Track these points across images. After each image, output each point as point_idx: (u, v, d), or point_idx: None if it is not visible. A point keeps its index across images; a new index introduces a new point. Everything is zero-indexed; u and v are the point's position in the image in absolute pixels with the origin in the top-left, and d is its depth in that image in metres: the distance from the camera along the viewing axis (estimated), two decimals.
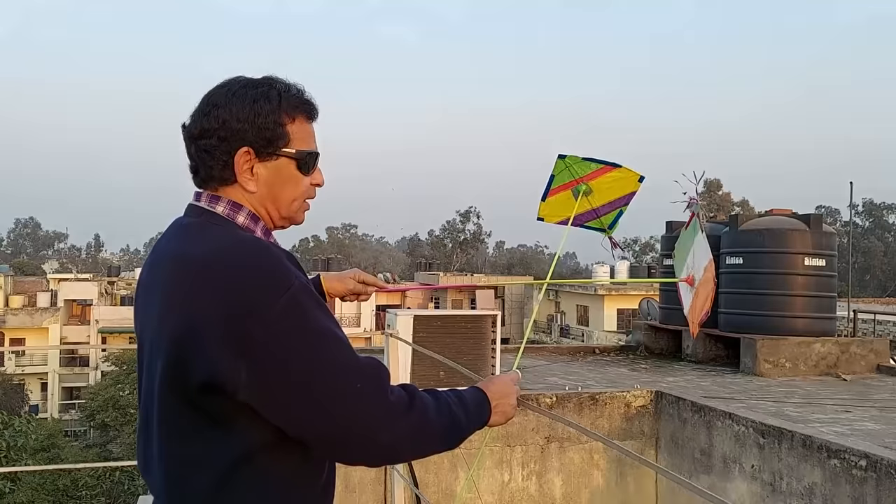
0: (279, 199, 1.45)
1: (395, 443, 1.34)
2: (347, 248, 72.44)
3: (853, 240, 18.82)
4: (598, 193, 3.01)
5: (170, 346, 1.28)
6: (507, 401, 1.58)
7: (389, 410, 1.32)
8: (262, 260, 1.29)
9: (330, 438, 1.30)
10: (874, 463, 4.15)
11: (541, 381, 7.13)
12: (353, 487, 5.38)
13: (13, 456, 17.42)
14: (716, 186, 57.03)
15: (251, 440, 1.29)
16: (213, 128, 1.38)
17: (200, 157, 1.41)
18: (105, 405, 26.12)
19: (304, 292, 1.29)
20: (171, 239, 1.41)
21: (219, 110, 1.38)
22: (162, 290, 1.34)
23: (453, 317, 6.02)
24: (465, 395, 1.51)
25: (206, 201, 1.42)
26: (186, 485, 1.31)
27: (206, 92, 1.44)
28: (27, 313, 41.13)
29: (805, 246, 8.62)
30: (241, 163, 1.39)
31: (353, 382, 1.29)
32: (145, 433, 1.39)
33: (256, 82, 1.43)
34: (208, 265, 1.29)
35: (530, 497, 5.84)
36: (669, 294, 10.11)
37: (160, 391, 1.31)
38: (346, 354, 1.31)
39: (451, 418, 1.43)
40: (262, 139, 1.39)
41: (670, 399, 6.08)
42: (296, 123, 1.43)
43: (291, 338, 1.25)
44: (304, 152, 1.45)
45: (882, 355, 8.40)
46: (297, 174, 1.45)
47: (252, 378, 1.23)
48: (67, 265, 70.61)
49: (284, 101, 1.42)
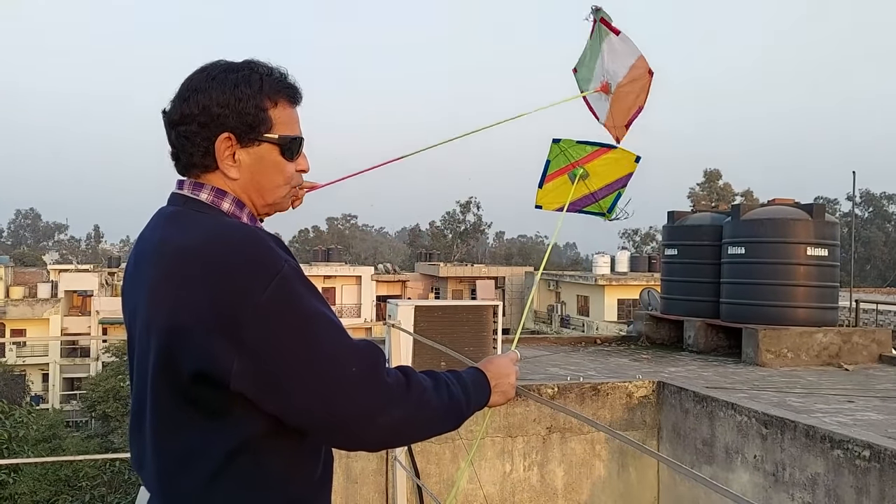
0: (263, 186, 1.41)
1: (393, 425, 1.31)
2: (347, 238, 72.37)
3: (854, 230, 18.74)
4: (595, 176, 2.96)
5: (161, 338, 1.25)
6: (506, 380, 1.56)
7: (386, 393, 1.29)
8: (249, 246, 1.25)
9: (327, 424, 1.26)
10: (877, 453, 4.13)
11: (542, 372, 7.11)
12: (354, 478, 5.37)
13: (14, 447, 17.46)
14: (716, 177, 56.93)
15: (245, 432, 1.26)
16: (192, 113, 1.35)
17: (181, 144, 1.37)
18: (106, 396, 26.20)
19: (294, 276, 1.26)
20: (156, 229, 1.37)
21: (198, 95, 1.35)
22: (149, 281, 1.30)
23: (454, 307, 6.00)
24: (464, 376, 1.49)
25: (190, 189, 1.39)
26: (180, 478, 1.28)
27: (185, 77, 1.40)
28: (28, 304, 41.15)
29: (807, 235, 8.59)
30: (222, 149, 1.36)
31: (348, 366, 1.26)
32: (138, 428, 1.36)
33: (237, 66, 1.39)
34: (195, 254, 1.25)
35: (532, 487, 5.83)
36: (671, 284, 10.09)
37: (153, 384, 1.28)
38: (339, 337, 1.28)
39: (450, 398, 1.41)
40: (244, 124, 1.36)
41: (672, 389, 6.06)
42: (278, 108, 1.40)
43: (283, 323, 1.22)
44: (287, 137, 1.41)
45: (884, 345, 8.38)
46: (281, 160, 1.41)
47: (245, 366, 1.20)
48: (68, 256, 70.63)
49: (266, 84, 1.38)
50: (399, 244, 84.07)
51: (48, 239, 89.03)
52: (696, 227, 9.86)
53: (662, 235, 10.99)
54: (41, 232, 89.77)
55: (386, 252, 76.32)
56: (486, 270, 44.57)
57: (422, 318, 5.59)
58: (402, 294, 42.16)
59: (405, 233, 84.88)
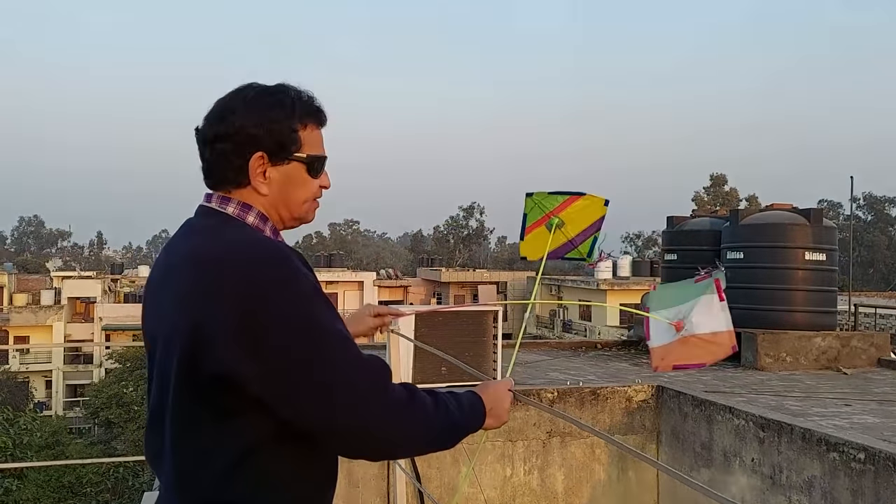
0: (290, 201, 1.51)
1: (394, 438, 1.41)
2: (349, 244, 72.43)
3: (856, 234, 18.85)
4: (571, 224, 3.10)
5: (184, 343, 1.33)
6: (501, 405, 1.66)
7: (390, 406, 1.38)
8: (272, 259, 1.35)
9: (332, 431, 1.36)
10: (872, 456, 4.18)
11: (542, 377, 7.16)
12: (355, 482, 5.43)
13: (18, 454, 17.51)
14: (721, 181, 56.85)
15: (259, 432, 1.35)
16: (229, 133, 1.44)
17: (216, 161, 1.47)
18: (109, 402, 26.23)
19: (312, 291, 1.35)
20: (184, 238, 1.47)
21: (235, 116, 1.44)
22: (175, 288, 1.39)
23: (455, 312, 6.05)
24: (462, 398, 1.58)
25: (217, 203, 1.48)
26: (196, 476, 1.36)
27: (219, 97, 1.49)
28: (31, 311, 41.23)
29: (805, 240, 8.63)
30: (255, 167, 1.45)
31: (357, 378, 1.35)
32: (156, 428, 1.43)
33: (271, 90, 1.49)
34: (221, 263, 1.34)
35: (532, 491, 5.88)
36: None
37: (174, 386, 1.36)
38: (351, 351, 1.37)
39: (449, 418, 1.50)
40: (276, 144, 1.46)
41: (671, 393, 6.11)
42: (307, 130, 1.50)
43: (300, 334, 1.31)
44: (314, 157, 1.51)
45: (883, 349, 8.42)
46: (307, 177, 1.51)
47: (260, 373, 1.29)
48: (71, 263, 70.73)
49: (298, 108, 1.48)
50: (401, 249, 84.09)
51: (51, 246, 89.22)
52: (695, 232, 9.92)
53: (662, 240, 11.04)
54: (44, 239, 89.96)
55: (388, 257, 76.32)
56: (489, 275, 44.60)
57: (423, 324, 5.63)
58: (405, 299, 42.18)
59: (407, 238, 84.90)
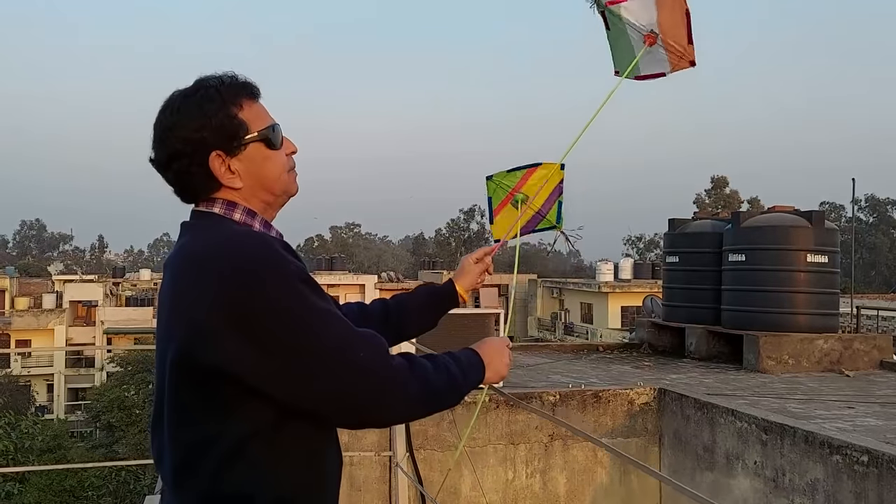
0: (266, 182, 1.51)
1: (402, 403, 1.44)
2: (351, 247, 72.47)
3: (859, 235, 18.82)
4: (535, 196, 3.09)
5: (179, 337, 1.35)
6: (499, 359, 1.69)
7: (394, 373, 1.41)
8: (258, 249, 1.36)
9: (342, 406, 1.39)
10: (875, 458, 4.17)
11: (544, 380, 7.15)
12: (357, 486, 5.42)
13: (20, 458, 17.52)
14: (723, 183, 56.80)
15: (257, 420, 1.36)
16: (177, 149, 1.44)
17: (181, 180, 1.48)
18: (111, 406, 26.23)
19: (299, 277, 1.37)
20: (178, 240, 1.50)
21: (174, 131, 1.44)
22: (170, 286, 1.43)
23: (456, 314, 6.04)
24: (461, 356, 1.61)
25: (205, 205, 1.50)
26: (195, 465, 1.37)
27: (152, 122, 1.48)
28: (33, 315, 41.25)
29: (807, 242, 8.62)
30: (217, 167, 1.45)
31: (357, 351, 1.38)
32: (158, 426, 1.45)
33: (193, 89, 1.47)
34: (208, 258, 1.36)
35: (534, 495, 5.87)
36: (672, 291, 10.13)
37: (170, 380, 1.38)
38: (346, 329, 1.39)
39: (449, 377, 1.53)
40: (225, 137, 1.45)
41: (673, 396, 6.10)
42: (245, 108, 1.48)
43: (293, 319, 1.33)
44: (264, 130, 1.50)
45: (885, 351, 8.40)
46: (269, 152, 1.51)
47: (259, 360, 1.31)
48: (72, 266, 70.83)
49: (225, 93, 1.47)
50: (402, 252, 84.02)
51: (53, 249, 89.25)
52: (697, 234, 9.91)
53: (664, 243, 11.03)
54: (46, 242, 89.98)
55: (389, 260, 76.26)
56: (490, 278, 44.55)
57: None
58: None
59: (409, 241, 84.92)
